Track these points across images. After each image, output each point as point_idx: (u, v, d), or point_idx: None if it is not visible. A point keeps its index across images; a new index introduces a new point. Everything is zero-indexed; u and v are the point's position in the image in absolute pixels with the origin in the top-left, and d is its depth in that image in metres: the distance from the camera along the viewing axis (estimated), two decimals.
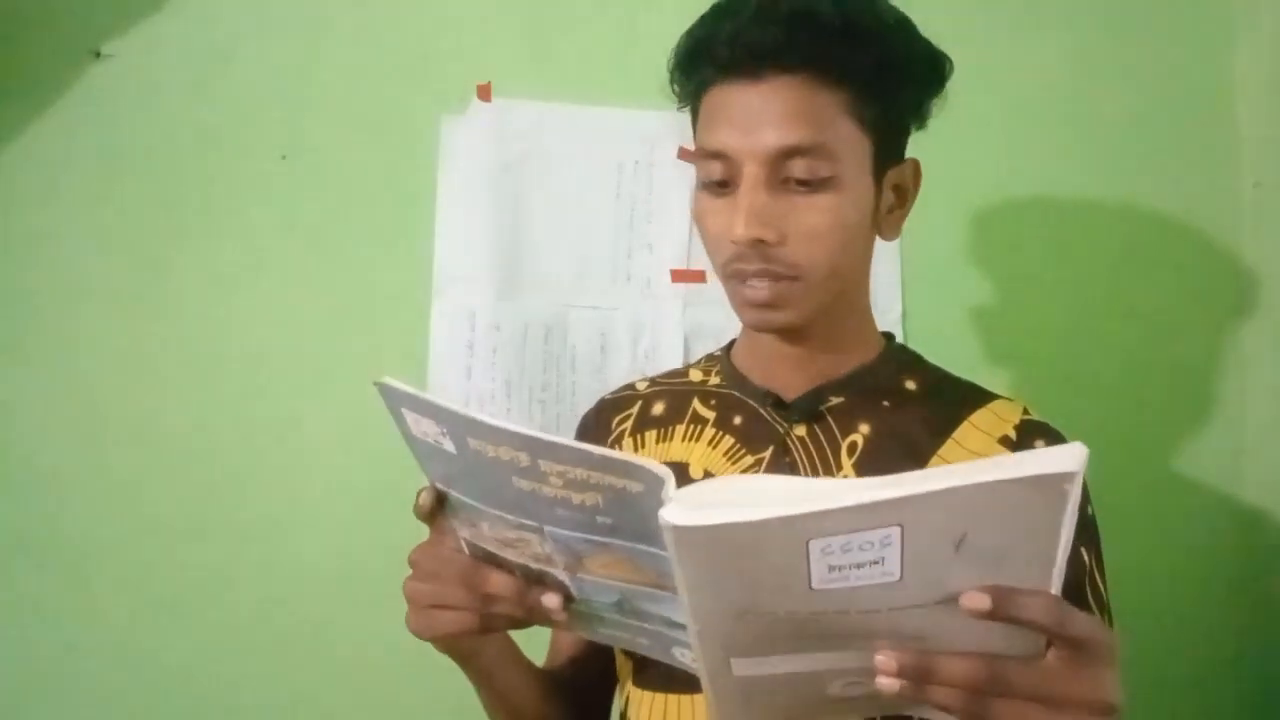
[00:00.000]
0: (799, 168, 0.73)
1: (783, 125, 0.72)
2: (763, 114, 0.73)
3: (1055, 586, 0.48)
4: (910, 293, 1.26)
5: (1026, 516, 0.46)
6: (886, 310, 1.24)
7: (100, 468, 1.12)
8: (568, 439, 0.52)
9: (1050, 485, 0.45)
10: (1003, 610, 0.47)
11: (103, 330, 1.14)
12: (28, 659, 1.10)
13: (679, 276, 1.22)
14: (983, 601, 0.47)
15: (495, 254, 1.20)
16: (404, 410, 0.58)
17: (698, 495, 0.51)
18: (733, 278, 0.77)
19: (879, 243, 0.85)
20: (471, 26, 1.22)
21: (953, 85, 0.86)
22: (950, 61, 0.82)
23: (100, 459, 1.12)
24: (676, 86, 0.82)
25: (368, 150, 1.19)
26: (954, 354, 1.23)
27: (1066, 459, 0.45)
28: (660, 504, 0.49)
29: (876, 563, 0.47)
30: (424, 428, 0.57)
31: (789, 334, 0.81)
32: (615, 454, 0.51)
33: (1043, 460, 0.45)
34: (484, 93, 1.21)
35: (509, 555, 0.61)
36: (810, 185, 0.73)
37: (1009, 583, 0.47)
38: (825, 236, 0.74)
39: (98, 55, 1.16)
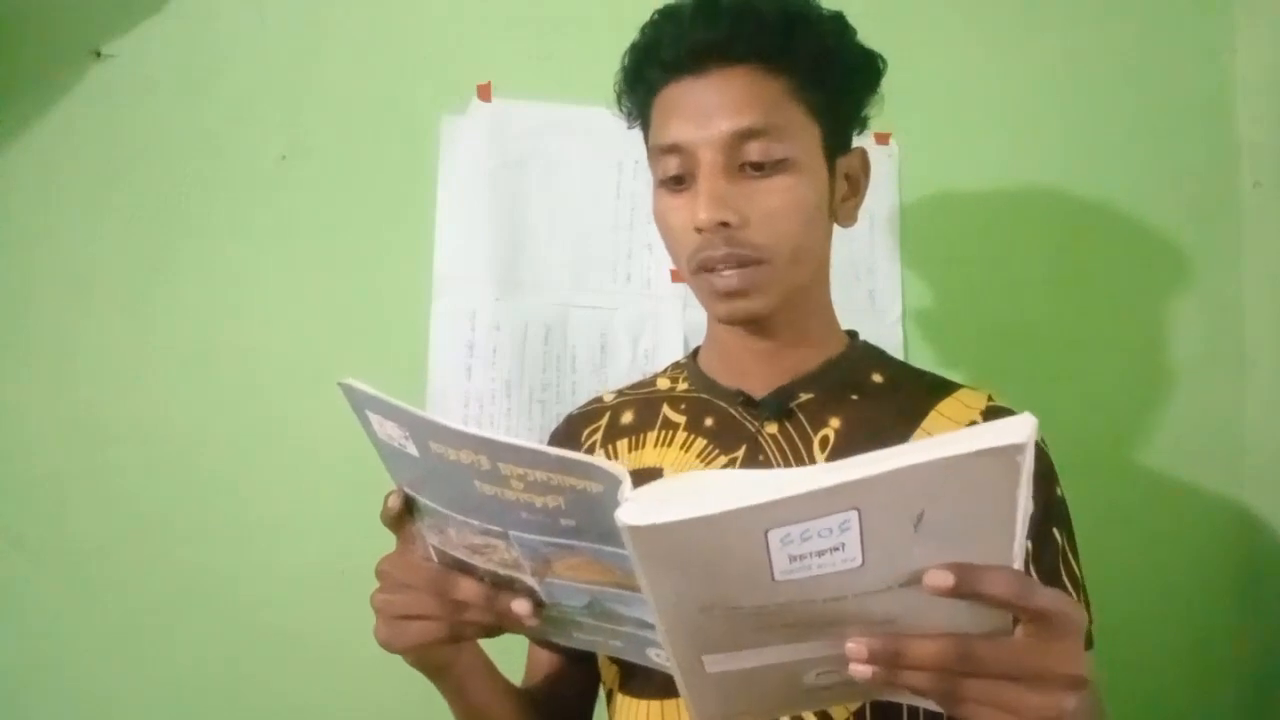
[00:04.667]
0: (754, 150, 0.75)
1: (734, 112, 0.75)
2: (713, 104, 0.76)
3: (1016, 561, 0.48)
4: (910, 293, 1.26)
5: (982, 490, 0.46)
6: (886, 310, 1.24)
7: (100, 468, 1.12)
8: (526, 440, 0.51)
9: (1002, 458, 0.44)
10: (966, 586, 0.47)
11: (103, 330, 1.14)
12: (27, 659, 1.10)
13: (679, 276, 1.22)
14: (945, 579, 0.47)
15: (495, 254, 1.20)
16: (368, 412, 0.57)
17: (655, 493, 0.51)
18: (700, 270, 0.78)
19: (881, 243, 0.85)
20: (471, 26, 1.22)
21: (954, 85, 0.86)
22: (884, 60, 0.84)
23: (100, 459, 1.12)
24: (626, 101, 0.86)
25: (368, 150, 1.19)
26: (954, 354, 1.25)
27: (1016, 430, 0.44)
28: (617, 504, 0.49)
29: (837, 549, 0.47)
30: (388, 430, 0.57)
31: (756, 328, 0.82)
32: (571, 454, 0.50)
33: (993, 433, 0.44)
34: (484, 93, 1.21)
35: (477, 561, 0.60)
36: (765, 169, 0.76)
37: (970, 560, 0.47)
38: (786, 216, 0.76)
39: (98, 55, 1.16)
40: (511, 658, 0.84)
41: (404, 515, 0.63)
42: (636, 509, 0.48)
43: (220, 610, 1.13)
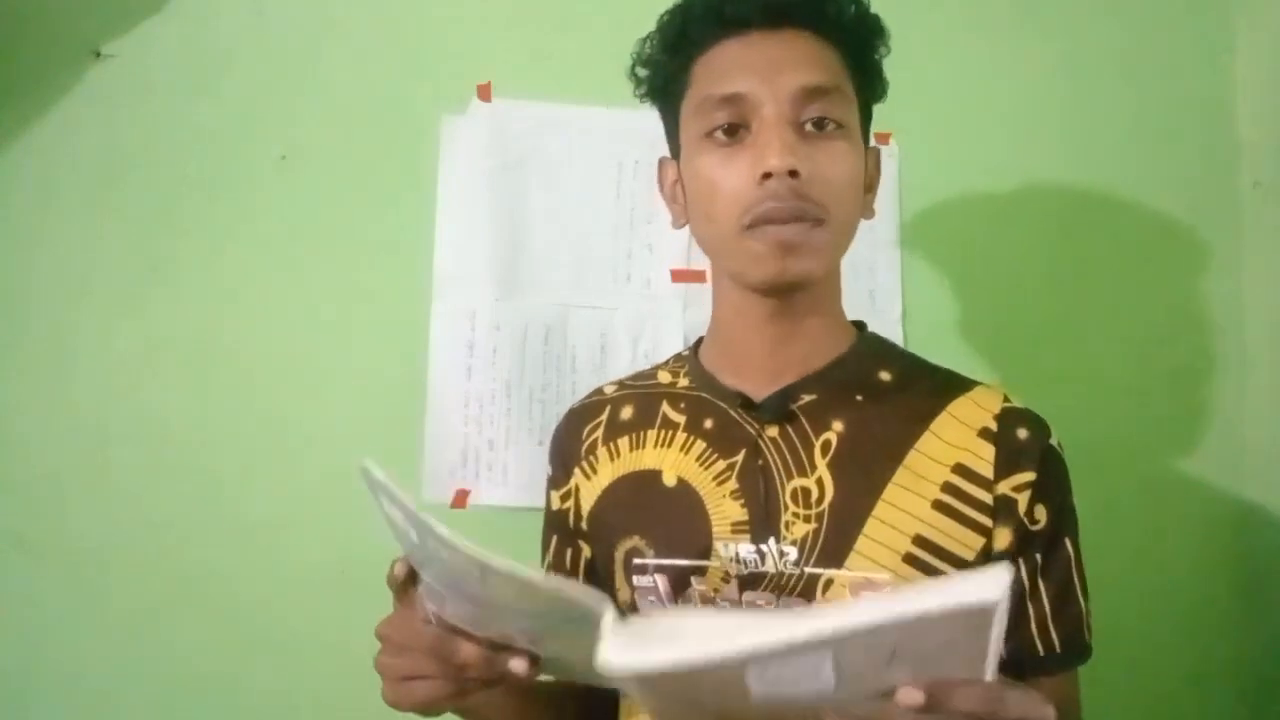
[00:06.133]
0: (817, 109, 0.75)
1: (803, 68, 0.75)
2: (783, 58, 0.76)
3: (990, 672, 0.49)
4: (910, 293, 1.26)
5: (955, 637, 0.47)
6: (886, 310, 1.24)
7: (100, 468, 1.12)
8: (509, 564, 0.52)
9: (976, 615, 0.45)
10: (937, 704, 0.48)
11: (103, 330, 1.14)
12: (28, 658, 1.10)
13: (679, 276, 1.22)
14: (916, 698, 0.48)
15: (495, 254, 1.20)
16: (379, 495, 0.60)
17: (636, 631, 0.53)
18: (756, 225, 0.75)
19: (881, 243, 0.85)
20: (471, 26, 1.22)
21: (954, 85, 0.86)
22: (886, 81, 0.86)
23: (100, 459, 1.12)
24: (659, 65, 0.83)
25: (368, 150, 1.19)
26: (954, 354, 1.24)
27: (989, 588, 0.44)
28: (599, 638, 0.52)
29: (812, 677, 0.48)
30: (396, 513, 0.58)
31: (773, 308, 0.80)
32: (555, 589, 0.53)
33: (967, 591, 0.44)
34: (484, 93, 1.21)
35: (474, 630, 0.62)
36: (825, 131, 0.76)
37: (945, 674, 0.48)
38: (844, 180, 0.76)
39: (98, 55, 1.16)
40: None
41: (408, 581, 0.64)
42: (618, 651, 0.50)
43: (220, 610, 1.13)
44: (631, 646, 0.50)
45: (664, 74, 0.83)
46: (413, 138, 1.20)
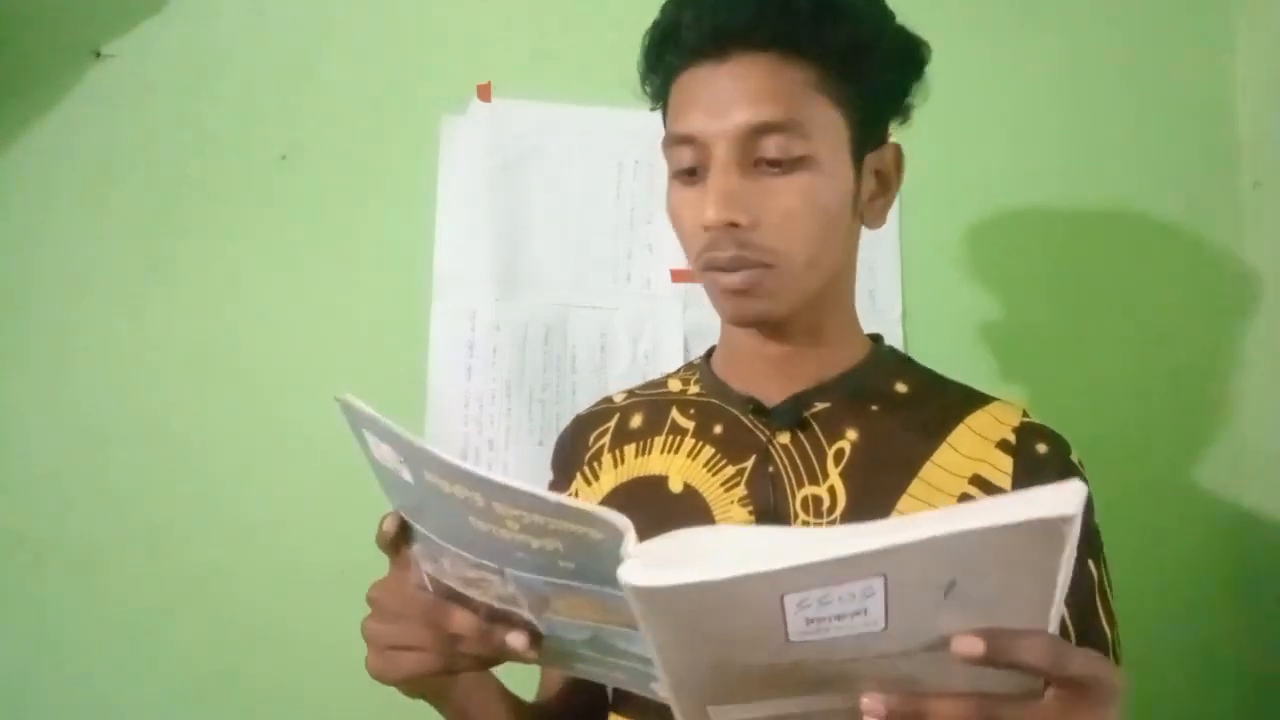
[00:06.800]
0: (771, 146, 0.71)
1: (752, 103, 0.70)
2: (731, 94, 0.71)
3: (1053, 625, 0.46)
4: (910, 293, 1.26)
5: (1021, 561, 0.43)
6: (886, 310, 1.24)
7: (100, 468, 1.12)
8: (521, 482, 0.48)
9: (1047, 530, 0.41)
10: (997, 654, 0.44)
11: (103, 330, 1.14)
12: (28, 658, 1.10)
13: (679, 276, 1.22)
14: (975, 646, 0.44)
15: (495, 254, 1.20)
16: (364, 431, 0.55)
17: (661, 550, 0.48)
18: (708, 268, 0.74)
19: (881, 243, 0.84)
20: (471, 26, 1.22)
21: (954, 85, 0.85)
22: (928, 47, 0.79)
23: (100, 459, 1.12)
24: (648, 85, 0.81)
25: (368, 150, 1.19)
26: (954, 354, 1.24)
27: (1064, 501, 0.40)
28: (620, 559, 0.47)
29: (859, 613, 0.44)
30: (384, 452, 0.54)
31: (772, 332, 0.79)
32: (570, 502, 0.48)
33: (1038, 503, 0.41)
34: (484, 93, 1.21)
35: (472, 593, 0.58)
36: (783, 166, 0.71)
37: (1003, 624, 0.44)
38: (802, 219, 0.72)
39: (98, 55, 1.16)
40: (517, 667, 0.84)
41: (400, 539, 0.60)
42: (641, 568, 0.46)
43: (220, 610, 1.13)
44: (657, 564, 0.45)
45: (652, 87, 0.81)
46: (413, 138, 1.20)
